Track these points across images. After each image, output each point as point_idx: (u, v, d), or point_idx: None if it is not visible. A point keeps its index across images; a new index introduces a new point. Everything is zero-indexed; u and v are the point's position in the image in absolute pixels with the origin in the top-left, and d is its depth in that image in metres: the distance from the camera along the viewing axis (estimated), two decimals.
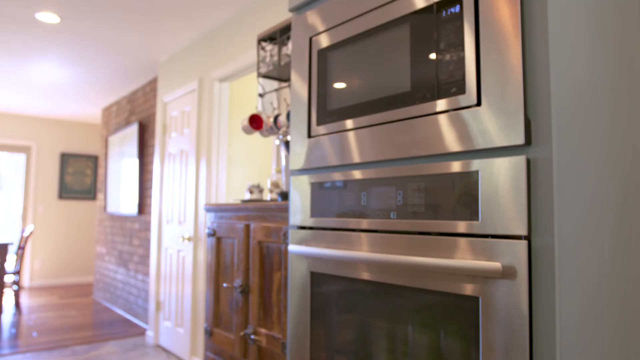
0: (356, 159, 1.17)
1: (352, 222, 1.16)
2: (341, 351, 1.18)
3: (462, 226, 0.93)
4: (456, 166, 0.94)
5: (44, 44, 3.93)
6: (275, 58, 2.31)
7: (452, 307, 0.94)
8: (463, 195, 0.93)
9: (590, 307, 0.86)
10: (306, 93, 1.34)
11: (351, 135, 1.19)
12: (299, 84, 1.38)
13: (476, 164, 0.91)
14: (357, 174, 1.16)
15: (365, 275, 1.12)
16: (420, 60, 1.03)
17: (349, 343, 1.16)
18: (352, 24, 1.21)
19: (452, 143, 0.96)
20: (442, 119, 0.98)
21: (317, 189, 1.28)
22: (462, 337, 0.92)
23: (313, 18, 1.34)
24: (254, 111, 3.64)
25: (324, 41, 1.30)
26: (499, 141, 0.88)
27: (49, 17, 3.35)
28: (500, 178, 0.87)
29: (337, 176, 1.22)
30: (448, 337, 0.94)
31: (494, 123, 0.89)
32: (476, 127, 0.92)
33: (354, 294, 1.15)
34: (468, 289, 0.91)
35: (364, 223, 1.13)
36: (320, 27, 1.31)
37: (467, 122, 0.94)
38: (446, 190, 0.96)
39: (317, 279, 1.26)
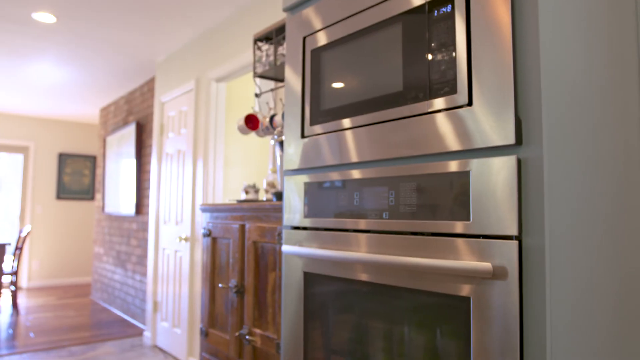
0: (349, 159, 1.17)
1: (345, 223, 1.16)
2: (335, 351, 1.18)
3: (453, 226, 0.92)
4: (447, 166, 0.94)
5: (41, 44, 3.92)
6: (272, 58, 2.31)
7: (444, 307, 0.93)
8: (454, 195, 0.93)
9: (582, 307, 0.86)
10: (300, 93, 1.34)
11: (344, 135, 1.19)
12: (292, 83, 1.38)
13: (467, 164, 0.91)
14: (349, 174, 1.16)
15: (358, 276, 1.12)
16: (412, 60, 1.03)
17: (342, 343, 1.16)
18: (345, 23, 1.21)
19: (444, 143, 0.95)
20: (434, 119, 0.98)
21: (311, 189, 1.27)
22: (454, 338, 0.92)
23: (307, 17, 1.34)
24: (250, 111, 3.63)
25: (318, 41, 1.29)
26: (490, 141, 0.87)
27: (45, 17, 3.34)
28: (491, 178, 0.87)
29: (330, 176, 1.21)
30: (440, 338, 0.94)
31: (485, 123, 0.89)
32: (467, 127, 0.92)
33: (347, 294, 1.15)
34: (459, 290, 0.91)
35: (357, 223, 1.13)
36: (314, 26, 1.31)
37: (458, 122, 0.93)
38: (437, 190, 0.96)
39: (311, 279, 1.26)
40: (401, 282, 1.02)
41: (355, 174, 1.15)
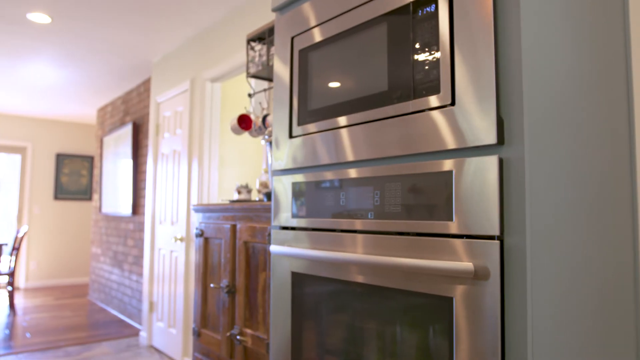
0: (336, 159, 1.17)
1: (331, 223, 1.16)
2: (323, 351, 1.18)
3: (437, 226, 0.92)
4: (431, 166, 0.94)
5: (37, 44, 3.92)
6: (264, 58, 2.31)
7: (428, 307, 0.93)
8: (437, 196, 0.92)
9: (564, 307, 0.86)
10: (287, 93, 1.34)
11: (331, 135, 1.18)
12: (280, 84, 1.38)
13: (450, 164, 0.91)
14: (336, 175, 1.16)
15: (345, 276, 1.12)
16: (397, 60, 1.03)
17: (330, 343, 1.16)
18: (332, 23, 1.21)
19: (427, 143, 0.95)
20: (418, 119, 0.98)
21: (298, 189, 1.27)
22: (437, 338, 0.92)
23: (295, 17, 1.34)
24: (242, 111, 3.63)
25: (306, 41, 1.29)
26: (472, 141, 0.87)
27: (40, 18, 3.34)
28: (474, 178, 0.87)
29: (317, 177, 1.21)
30: (424, 338, 0.94)
31: (468, 122, 0.89)
32: (450, 127, 0.92)
33: (335, 294, 1.15)
34: (443, 290, 0.91)
35: (343, 224, 1.13)
36: (302, 26, 1.31)
37: (441, 121, 0.93)
38: (421, 190, 0.96)
39: (299, 280, 1.26)
40: (386, 282, 1.02)
41: (342, 174, 1.15)
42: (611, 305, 0.96)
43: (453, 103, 0.92)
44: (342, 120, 1.15)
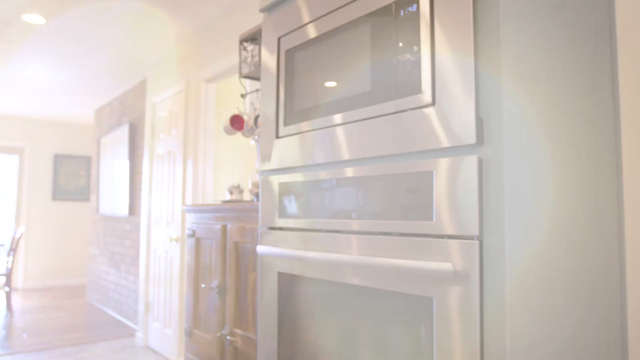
0: (322, 159, 1.17)
1: (316, 223, 1.16)
2: (309, 350, 1.18)
3: (418, 227, 0.92)
4: (412, 166, 0.94)
5: (33, 45, 3.92)
6: (257, 58, 2.31)
7: (409, 307, 0.93)
8: (418, 196, 0.92)
9: (543, 308, 0.86)
10: (274, 94, 1.34)
11: (317, 135, 1.18)
12: (267, 84, 1.38)
13: (430, 164, 0.91)
14: (320, 175, 1.16)
15: (329, 276, 1.12)
16: (379, 60, 1.03)
17: (315, 343, 1.16)
18: (318, 23, 1.21)
19: (408, 143, 0.95)
20: (399, 119, 0.98)
21: (284, 189, 1.27)
22: (418, 337, 0.92)
23: (282, 18, 1.34)
24: (235, 111, 3.63)
25: (292, 41, 1.29)
26: (452, 140, 0.87)
27: (34, 19, 3.34)
28: (453, 178, 0.87)
29: (303, 177, 1.21)
30: (405, 337, 0.94)
31: (448, 122, 0.89)
32: (431, 126, 0.91)
33: (319, 294, 1.15)
34: (423, 290, 0.91)
35: (327, 224, 1.13)
36: (289, 27, 1.31)
37: (422, 121, 0.93)
38: (402, 190, 0.96)
39: (284, 280, 1.26)
40: (369, 283, 1.01)
41: (327, 174, 1.14)
42: (594, 306, 0.96)
43: (434, 103, 0.92)
44: (328, 121, 1.15)
